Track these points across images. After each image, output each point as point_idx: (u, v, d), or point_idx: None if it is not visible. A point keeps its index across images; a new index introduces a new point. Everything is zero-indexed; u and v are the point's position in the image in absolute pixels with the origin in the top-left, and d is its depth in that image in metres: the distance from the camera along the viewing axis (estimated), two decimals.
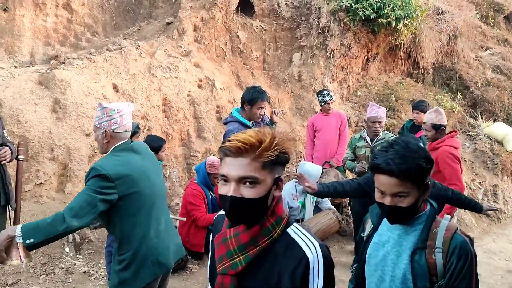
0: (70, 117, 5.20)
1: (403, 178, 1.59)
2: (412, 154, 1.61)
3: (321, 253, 1.37)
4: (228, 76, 6.93)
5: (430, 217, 1.72)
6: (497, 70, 8.98)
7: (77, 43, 6.91)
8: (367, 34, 7.12)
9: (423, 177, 1.64)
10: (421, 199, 1.69)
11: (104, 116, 2.39)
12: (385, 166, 1.60)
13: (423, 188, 1.67)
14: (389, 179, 1.61)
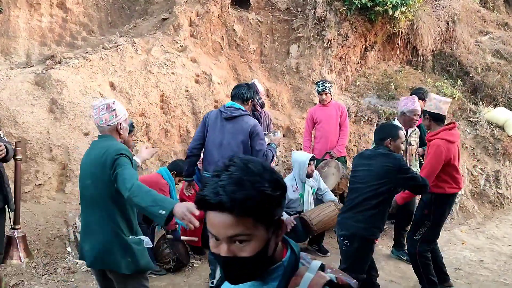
0: (68, 117, 5.20)
1: (239, 213, 1.06)
2: (253, 178, 1.09)
3: None
4: (226, 70, 6.90)
5: (288, 269, 1.16)
6: (497, 54, 8.89)
7: (73, 42, 6.89)
8: (364, 23, 7.06)
9: (270, 210, 1.11)
10: (273, 243, 1.15)
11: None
12: (212, 198, 1.08)
13: (275, 227, 1.14)
14: (220, 217, 1.08)
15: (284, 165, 6.32)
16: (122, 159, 2.52)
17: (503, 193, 7.19)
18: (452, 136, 3.90)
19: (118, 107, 2.72)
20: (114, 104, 2.71)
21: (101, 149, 2.59)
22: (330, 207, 4.77)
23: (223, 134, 3.84)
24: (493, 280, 4.67)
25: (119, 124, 2.72)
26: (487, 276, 4.72)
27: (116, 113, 2.70)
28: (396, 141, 3.45)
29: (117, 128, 2.72)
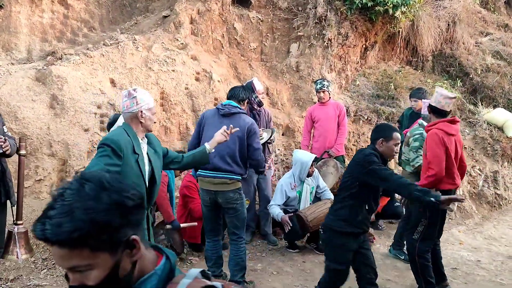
0: (68, 113, 5.21)
1: (69, 246, 0.99)
2: (85, 203, 0.99)
3: None
4: (226, 68, 6.92)
5: (163, 277, 1.11)
6: (497, 55, 8.92)
7: (74, 39, 6.90)
8: (364, 23, 7.08)
9: (109, 236, 1.02)
10: (127, 263, 1.08)
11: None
12: (38, 233, 0.99)
13: (126, 247, 1.06)
14: (55, 249, 1.00)
15: (283, 164, 6.34)
16: (99, 150, 2.60)
17: (501, 194, 7.22)
18: (450, 128, 3.85)
19: (140, 95, 2.71)
20: (135, 91, 2.71)
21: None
22: (326, 204, 4.81)
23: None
24: (489, 280, 4.69)
25: (140, 112, 2.70)
26: (484, 276, 4.75)
27: (137, 101, 2.69)
28: (389, 142, 3.33)
29: (138, 115, 2.70)
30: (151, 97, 2.82)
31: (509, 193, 7.56)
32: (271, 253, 5.10)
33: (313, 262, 4.91)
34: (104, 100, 5.53)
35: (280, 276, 4.55)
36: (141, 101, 2.71)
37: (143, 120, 2.73)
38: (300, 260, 4.95)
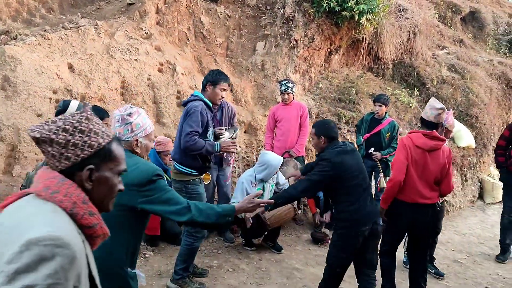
0: (21, 96, 4.93)
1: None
2: None
3: None
4: (190, 62, 6.80)
5: None
6: (452, 68, 9.31)
7: (31, 19, 6.55)
8: (330, 27, 7.18)
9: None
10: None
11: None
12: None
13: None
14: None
15: (244, 161, 6.31)
16: (159, 183, 2.15)
17: (449, 201, 7.55)
18: (420, 140, 3.72)
19: (136, 120, 2.27)
20: (130, 116, 2.25)
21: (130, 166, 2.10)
22: None
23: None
24: (436, 283, 4.88)
25: (135, 141, 2.26)
26: (430, 278, 4.93)
27: (131, 127, 2.25)
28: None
29: (132, 145, 2.26)
30: (148, 119, 2.37)
31: (456, 200, 7.93)
32: (227, 250, 5.06)
33: (269, 261, 4.91)
34: (61, 85, 5.28)
35: (236, 273, 4.52)
36: (137, 127, 2.26)
37: (138, 150, 2.29)
38: (256, 258, 4.94)
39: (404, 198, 3.78)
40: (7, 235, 1.11)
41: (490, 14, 12.27)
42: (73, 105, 3.78)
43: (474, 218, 7.72)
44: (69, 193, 1.23)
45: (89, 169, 1.27)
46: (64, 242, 1.09)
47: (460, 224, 7.30)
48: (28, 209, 1.19)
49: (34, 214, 1.15)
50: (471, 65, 9.59)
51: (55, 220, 1.16)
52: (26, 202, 1.23)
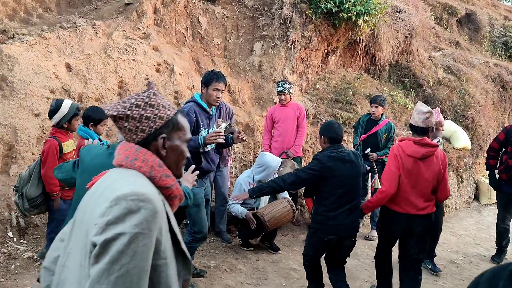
0: (18, 96, 4.92)
1: None
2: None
3: None
4: (188, 62, 6.80)
5: None
6: (448, 70, 9.37)
7: (28, 19, 6.52)
8: (328, 28, 7.20)
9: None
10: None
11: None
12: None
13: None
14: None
15: (241, 161, 6.32)
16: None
17: (445, 202, 7.58)
18: (411, 148, 3.57)
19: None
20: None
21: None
22: (282, 203, 4.83)
23: None
24: (432, 283, 4.90)
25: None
26: (427, 278, 4.95)
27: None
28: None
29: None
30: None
31: (452, 201, 7.97)
32: (224, 251, 5.07)
33: (266, 261, 4.92)
34: (58, 85, 5.26)
35: (233, 273, 4.53)
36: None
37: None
38: (253, 258, 4.94)
39: (396, 208, 3.66)
40: (98, 198, 1.29)
41: (486, 16, 12.35)
42: (66, 104, 3.77)
43: (470, 219, 7.76)
44: (146, 159, 1.39)
45: (162, 137, 1.44)
46: (147, 197, 1.24)
47: (456, 225, 7.34)
48: (113, 175, 1.38)
49: (119, 179, 1.33)
50: (467, 67, 9.66)
51: (138, 180, 1.33)
52: (110, 172, 1.42)
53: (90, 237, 1.20)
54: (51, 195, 3.79)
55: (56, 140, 3.79)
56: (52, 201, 3.82)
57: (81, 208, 1.39)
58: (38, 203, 3.75)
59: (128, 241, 1.16)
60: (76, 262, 1.29)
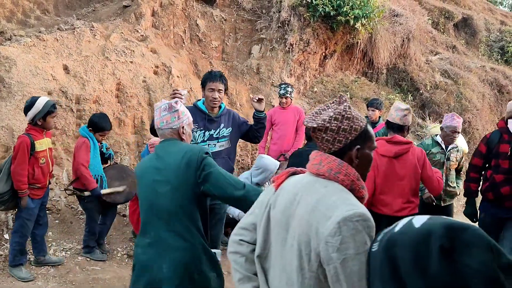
0: (15, 97, 4.90)
1: None
2: None
3: None
4: (186, 64, 6.80)
5: None
6: (445, 74, 9.40)
7: (25, 20, 6.51)
8: (325, 31, 7.22)
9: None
10: None
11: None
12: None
13: None
14: None
15: (239, 164, 6.31)
16: (209, 159, 2.27)
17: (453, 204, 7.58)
18: (383, 147, 3.49)
19: (182, 108, 2.39)
20: (177, 104, 2.37)
21: (177, 152, 2.26)
22: None
23: None
24: None
25: (182, 128, 2.37)
26: None
27: (178, 115, 2.36)
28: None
29: (179, 131, 2.37)
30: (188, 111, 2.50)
31: None
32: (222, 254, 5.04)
33: None
34: (56, 86, 5.25)
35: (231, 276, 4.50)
36: (182, 115, 2.38)
37: (184, 137, 2.40)
38: None
39: (374, 209, 3.51)
40: (313, 212, 1.45)
41: (482, 21, 12.42)
42: (41, 101, 3.75)
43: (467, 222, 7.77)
44: (348, 173, 1.51)
45: (357, 148, 1.55)
46: (367, 216, 1.38)
47: None
48: (319, 189, 1.50)
49: (330, 195, 1.46)
50: (463, 70, 9.70)
51: (351, 199, 1.46)
52: (309, 181, 1.55)
53: (316, 248, 1.40)
54: (19, 193, 3.73)
55: (29, 137, 3.74)
56: (19, 199, 3.76)
57: (281, 209, 1.57)
58: (5, 200, 3.70)
59: (359, 259, 1.33)
60: (289, 262, 1.51)
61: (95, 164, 4.28)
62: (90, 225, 4.35)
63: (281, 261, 1.56)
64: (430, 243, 0.83)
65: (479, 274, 0.80)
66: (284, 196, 1.58)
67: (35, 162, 3.80)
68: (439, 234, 0.84)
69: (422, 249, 0.83)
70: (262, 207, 1.68)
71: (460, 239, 0.84)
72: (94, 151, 4.29)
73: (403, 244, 0.86)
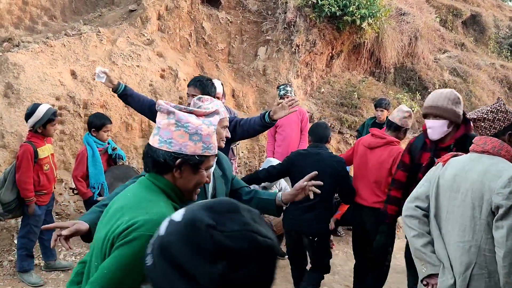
0: (24, 103, 4.94)
1: None
2: None
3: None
4: (192, 67, 6.81)
5: None
6: (454, 72, 9.31)
7: (33, 27, 6.57)
8: (332, 31, 7.19)
9: None
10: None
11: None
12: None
13: None
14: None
15: (246, 167, 6.30)
16: None
17: None
18: (365, 139, 3.81)
19: (206, 105, 2.15)
20: (201, 101, 2.17)
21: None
22: None
23: None
24: None
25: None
26: None
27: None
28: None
29: None
30: (223, 106, 2.30)
31: None
32: None
33: None
34: (64, 92, 5.29)
35: None
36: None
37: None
38: None
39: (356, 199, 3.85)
40: (487, 174, 2.05)
41: (491, 17, 12.28)
42: (41, 109, 3.76)
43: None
44: (508, 150, 2.11)
45: (509, 133, 2.15)
46: None
47: None
48: (489, 161, 2.09)
49: (497, 163, 2.07)
50: (473, 68, 9.60)
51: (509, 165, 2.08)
52: (479, 157, 2.15)
53: (488, 199, 2.00)
54: (26, 200, 3.76)
55: (31, 145, 3.77)
56: (26, 207, 3.79)
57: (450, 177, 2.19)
58: (12, 208, 3.74)
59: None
60: (461, 214, 2.12)
61: (95, 172, 4.20)
62: None
63: (454, 215, 2.14)
64: (198, 228, 0.84)
65: (242, 234, 0.84)
66: (452, 169, 2.19)
67: (39, 169, 3.83)
68: (200, 216, 0.86)
69: (194, 237, 0.84)
70: (432, 180, 2.28)
71: (217, 212, 0.87)
72: (94, 159, 4.20)
73: (176, 242, 0.85)
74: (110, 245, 1.33)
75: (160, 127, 1.47)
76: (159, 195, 1.45)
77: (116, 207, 1.44)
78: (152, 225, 1.26)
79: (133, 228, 1.29)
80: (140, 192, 1.45)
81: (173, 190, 1.48)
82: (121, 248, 1.29)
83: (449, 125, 2.74)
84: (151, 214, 1.32)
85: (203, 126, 1.47)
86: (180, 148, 1.43)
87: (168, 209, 1.39)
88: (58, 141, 5.15)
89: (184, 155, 1.44)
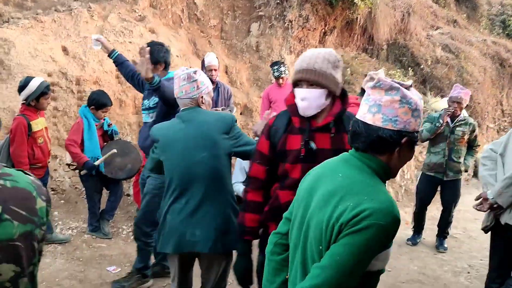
0: (15, 79, 4.90)
1: None
2: None
3: None
4: (185, 44, 6.77)
5: None
6: (446, 48, 9.34)
7: (22, 3, 6.44)
8: (325, 6, 7.16)
9: None
10: None
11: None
12: None
13: None
14: None
15: None
16: (236, 124, 2.46)
17: None
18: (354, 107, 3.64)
19: (201, 78, 2.42)
20: (196, 74, 2.41)
21: (208, 120, 2.35)
22: None
23: None
24: (432, 256, 4.97)
25: (201, 98, 2.42)
26: (427, 252, 5.03)
27: (197, 85, 2.39)
28: None
29: (198, 101, 2.41)
30: (207, 78, 2.51)
31: None
32: None
33: None
34: (56, 68, 5.25)
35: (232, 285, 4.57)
36: (201, 85, 2.41)
37: (203, 106, 2.45)
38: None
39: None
40: None
41: None
42: (34, 82, 3.74)
43: (469, 195, 7.76)
44: None
45: None
46: None
47: None
48: None
49: None
50: (465, 45, 9.63)
51: None
52: None
53: None
54: None
55: (24, 118, 3.74)
56: None
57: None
58: None
59: None
60: None
61: (91, 145, 4.21)
62: (89, 205, 4.40)
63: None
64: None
65: None
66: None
67: (33, 143, 3.82)
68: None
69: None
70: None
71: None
72: (90, 132, 4.21)
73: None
74: (337, 231, 1.30)
75: (381, 104, 1.36)
76: (373, 177, 1.38)
77: (327, 190, 1.37)
78: (382, 214, 1.26)
79: (362, 216, 1.26)
80: (356, 175, 1.38)
81: (385, 171, 1.40)
82: (352, 236, 1.27)
83: (327, 96, 1.98)
84: (378, 202, 1.29)
85: (419, 101, 1.40)
86: (405, 125, 1.35)
87: (390, 195, 1.36)
88: (52, 118, 5.13)
89: (409, 133, 1.36)
